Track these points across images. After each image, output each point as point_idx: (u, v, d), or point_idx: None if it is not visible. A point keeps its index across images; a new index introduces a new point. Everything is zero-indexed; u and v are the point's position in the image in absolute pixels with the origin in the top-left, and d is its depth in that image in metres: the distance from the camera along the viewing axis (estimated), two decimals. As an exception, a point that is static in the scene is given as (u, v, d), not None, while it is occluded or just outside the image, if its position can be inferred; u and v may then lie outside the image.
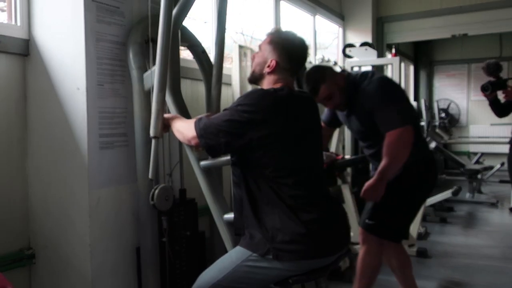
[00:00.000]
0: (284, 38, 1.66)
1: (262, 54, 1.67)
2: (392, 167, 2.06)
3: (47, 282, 1.98)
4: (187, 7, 1.96)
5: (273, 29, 1.73)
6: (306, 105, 1.68)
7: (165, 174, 2.18)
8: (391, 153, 2.04)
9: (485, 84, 3.52)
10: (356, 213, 3.24)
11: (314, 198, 1.57)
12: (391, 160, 2.04)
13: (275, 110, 1.53)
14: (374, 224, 2.26)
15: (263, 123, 1.51)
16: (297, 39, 1.68)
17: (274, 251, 1.48)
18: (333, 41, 5.56)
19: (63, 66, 1.90)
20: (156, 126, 1.77)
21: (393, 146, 2.04)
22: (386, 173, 2.05)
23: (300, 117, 1.62)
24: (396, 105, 2.12)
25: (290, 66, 1.65)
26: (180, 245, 2.17)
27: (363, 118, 2.22)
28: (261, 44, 1.69)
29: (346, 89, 2.23)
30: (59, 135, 1.92)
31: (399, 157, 2.05)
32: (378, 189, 2.06)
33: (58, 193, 1.93)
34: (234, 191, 1.67)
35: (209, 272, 1.62)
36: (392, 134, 2.05)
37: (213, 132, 1.54)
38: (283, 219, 1.50)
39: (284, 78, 1.65)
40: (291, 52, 1.64)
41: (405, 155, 2.05)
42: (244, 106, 1.52)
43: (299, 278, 1.56)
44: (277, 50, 1.63)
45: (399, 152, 2.05)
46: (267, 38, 1.67)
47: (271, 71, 1.63)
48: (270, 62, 1.63)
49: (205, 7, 3.19)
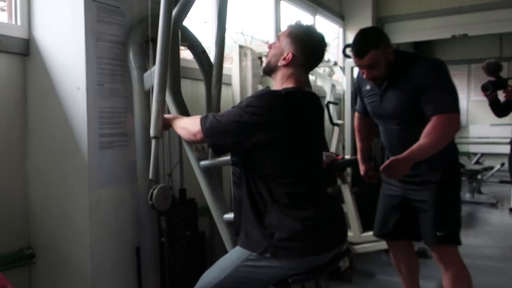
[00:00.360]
0: (304, 32, 1.61)
1: (279, 45, 1.62)
2: (430, 150, 1.89)
3: (47, 282, 1.98)
4: (187, 7, 1.96)
5: (295, 22, 1.67)
6: (315, 108, 1.68)
7: (165, 174, 2.18)
8: (436, 135, 1.88)
9: (486, 84, 3.51)
10: (356, 213, 3.24)
11: (311, 196, 1.58)
12: (433, 141, 1.87)
13: (284, 114, 1.51)
14: (446, 233, 2.03)
15: (272, 126, 1.50)
16: (318, 35, 1.63)
17: (272, 249, 1.49)
18: (333, 41, 5.56)
19: (63, 66, 1.90)
20: (156, 126, 1.77)
21: (441, 129, 1.89)
22: (420, 153, 1.88)
23: (308, 121, 1.61)
24: (453, 91, 1.97)
25: (306, 62, 1.62)
26: (180, 245, 2.17)
27: (404, 95, 2.00)
28: (280, 35, 1.64)
29: (393, 64, 2.03)
30: (59, 135, 1.92)
31: (442, 141, 1.90)
32: (404, 167, 1.87)
33: (58, 193, 1.93)
34: (234, 191, 1.67)
35: (210, 273, 1.63)
36: (444, 117, 1.89)
37: (220, 132, 1.53)
38: (280, 216, 1.50)
39: (297, 74, 1.61)
40: (309, 47, 1.60)
41: (447, 142, 1.93)
42: (254, 108, 1.49)
43: (299, 278, 1.56)
44: (295, 43, 1.59)
45: (444, 136, 1.90)
46: (287, 30, 1.63)
47: (286, 64, 1.59)
48: (287, 54, 1.59)
49: (205, 7, 3.19)
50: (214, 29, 3.21)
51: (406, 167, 1.87)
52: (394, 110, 2.05)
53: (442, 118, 1.89)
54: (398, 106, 2.03)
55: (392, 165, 1.86)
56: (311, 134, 1.63)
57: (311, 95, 1.70)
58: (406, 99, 1.99)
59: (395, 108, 2.04)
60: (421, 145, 1.87)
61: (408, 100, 1.98)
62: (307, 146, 1.61)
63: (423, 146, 1.87)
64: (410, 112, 2.00)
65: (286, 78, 1.61)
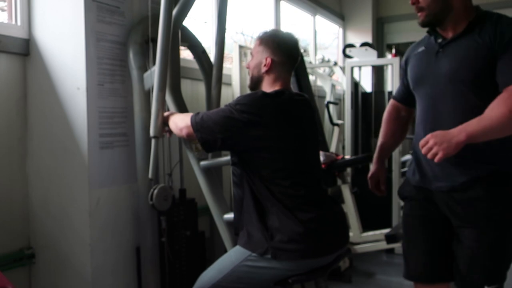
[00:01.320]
0: (272, 35, 1.68)
1: (255, 57, 1.69)
2: (496, 127, 1.33)
3: (47, 282, 1.98)
4: (187, 7, 1.96)
5: (260, 32, 1.74)
6: (305, 109, 1.69)
7: (165, 174, 2.18)
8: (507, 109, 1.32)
9: None
10: (356, 213, 3.24)
11: (312, 198, 1.58)
12: (504, 116, 1.32)
13: (274, 113, 1.54)
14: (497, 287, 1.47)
15: (261, 125, 1.52)
16: (285, 33, 1.71)
17: (273, 250, 1.49)
18: (333, 41, 5.56)
19: (63, 66, 1.90)
20: (156, 125, 1.77)
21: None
22: (479, 128, 1.32)
23: (299, 120, 1.63)
24: None
25: (285, 60, 1.66)
26: (180, 245, 2.17)
27: (473, 51, 1.44)
28: (253, 50, 1.72)
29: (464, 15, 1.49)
30: (59, 135, 1.92)
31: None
32: (452, 143, 1.29)
33: (58, 193, 1.93)
34: (234, 191, 1.67)
35: (209, 272, 1.63)
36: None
37: (210, 127, 1.54)
38: (281, 218, 1.51)
39: (282, 77, 1.66)
40: (282, 45, 1.66)
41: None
42: (243, 106, 1.52)
43: (299, 278, 1.56)
44: (269, 47, 1.65)
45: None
46: (257, 41, 1.70)
47: (268, 69, 1.64)
48: (265, 60, 1.64)
49: (205, 7, 3.19)
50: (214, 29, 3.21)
51: (455, 144, 1.29)
52: (454, 69, 1.46)
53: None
54: (463, 63, 1.45)
55: (437, 137, 1.31)
56: (304, 134, 1.64)
57: (300, 96, 1.73)
58: (475, 55, 1.43)
59: (457, 65, 1.46)
60: (484, 118, 1.33)
61: (479, 56, 1.42)
62: (301, 146, 1.61)
63: (486, 120, 1.32)
64: (479, 74, 1.43)
65: (273, 82, 1.65)
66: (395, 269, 3.11)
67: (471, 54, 1.44)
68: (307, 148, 1.64)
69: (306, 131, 1.66)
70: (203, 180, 1.88)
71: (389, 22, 5.59)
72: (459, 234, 1.50)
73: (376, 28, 5.49)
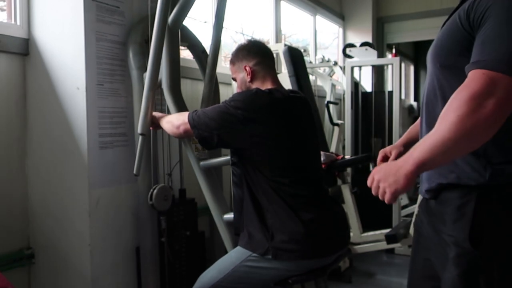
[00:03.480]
0: (237, 50, 1.75)
1: (237, 77, 1.73)
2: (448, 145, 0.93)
3: (47, 282, 1.97)
4: (186, 7, 1.95)
5: None
6: (302, 107, 1.69)
7: (165, 174, 2.18)
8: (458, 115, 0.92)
9: None
10: (356, 213, 3.24)
11: (313, 197, 1.58)
12: (453, 127, 0.92)
13: (268, 109, 1.54)
14: None
15: (255, 122, 1.52)
16: (247, 41, 1.78)
17: (273, 250, 1.48)
18: (333, 41, 5.56)
19: (63, 66, 1.90)
20: (144, 123, 1.78)
21: (469, 102, 0.91)
22: (426, 151, 0.95)
23: (297, 119, 1.62)
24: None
25: (260, 59, 1.69)
26: (180, 245, 2.17)
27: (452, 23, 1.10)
28: (232, 76, 1.77)
29: None
30: (59, 134, 1.92)
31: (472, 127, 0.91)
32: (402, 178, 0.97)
33: (58, 193, 1.93)
34: (234, 191, 1.67)
35: (209, 272, 1.63)
36: (479, 77, 0.93)
37: (206, 123, 1.55)
38: (282, 218, 1.50)
39: (268, 74, 1.69)
40: (251, 50, 1.71)
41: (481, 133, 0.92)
42: (238, 102, 1.53)
43: (299, 278, 1.56)
44: (241, 59, 1.70)
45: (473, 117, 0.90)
46: (230, 66, 1.76)
47: (252, 75, 1.68)
48: (246, 70, 1.68)
49: (205, 7, 3.18)
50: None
51: (403, 177, 0.97)
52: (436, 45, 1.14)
53: (477, 82, 0.92)
54: (444, 38, 1.12)
55: (380, 172, 1.03)
56: (304, 132, 1.64)
57: (296, 93, 1.73)
58: (452, 29, 1.09)
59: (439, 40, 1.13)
60: (432, 134, 0.96)
61: (455, 30, 1.07)
62: (300, 144, 1.61)
63: (433, 136, 0.95)
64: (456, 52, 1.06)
65: (262, 84, 1.68)
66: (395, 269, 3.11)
67: (452, 24, 1.10)
68: (306, 146, 1.64)
69: (306, 130, 1.66)
70: (203, 180, 1.88)
71: (389, 21, 5.59)
72: None
73: (376, 28, 5.49)
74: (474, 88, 0.91)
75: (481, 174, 1.02)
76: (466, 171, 1.03)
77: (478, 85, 0.91)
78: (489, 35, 0.95)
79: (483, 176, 1.01)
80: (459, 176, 1.04)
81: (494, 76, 0.91)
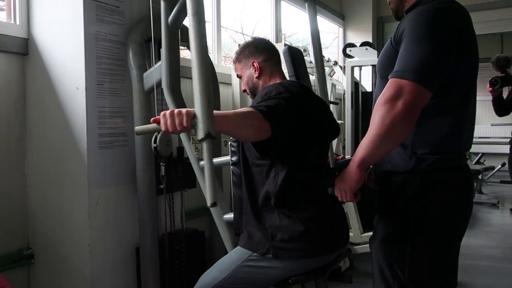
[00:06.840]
0: (242, 48, 1.72)
1: (243, 74, 1.70)
2: (376, 143, 1.18)
3: (46, 282, 1.97)
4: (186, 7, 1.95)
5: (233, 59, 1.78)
6: (319, 103, 1.69)
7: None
8: (379, 117, 1.16)
9: (494, 79, 3.44)
10: (356, 213, 3.23)
11: (313, 196, 1.57)
12: (377, 127, 1.17)
13: (296, 96, 1.51)
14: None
15: (298, 108, 1.47)
16: (251, 38, 1.75)
17: (274, 249, 1.48)
18: (334, 41, 5.55)
19: (62, 66, 1.90)
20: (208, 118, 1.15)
21: (385, 106, 1.16)
22: (364, 151, 1.21)
23: (311, 112, 1.58)
24: (428, 44, 1.17)
25: (268, 55, 1.67)
26: (180, 245, 2.16)
27: (387, 46, 1.34)
28: (237, 72, 1.73)
29: None
30: (58, 134, 1.91)
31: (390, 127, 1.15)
32: (354, 178, 1.26)
33: (58, 193, 1.93)
34: (234, 191, 1.66)
35: (210, 273, 1.62)
36: (393, 85, 1.17)
37: (279, 108, 1.35)
38: (282, 217, 1.50)
39: (275, 70, 1.67)
40: (257, 46, 1.69)
41: (397, 128, 1.16)
42: (273, 92, 1.45)
43: (299, 278, 1.55)
44: (248, 56, 1.68)
45: (389, 115, 1.14)
46: (235, 65, 1.73)
47: (259, 71, 1.65)
48: (253, 66, 1.66)
49: (205, 7, 3.18)
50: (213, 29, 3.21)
51: (354, 176, 1.26)
52: (379, 60, 1.39)
53: (390, 88, 1.16)
54: (382, 54, 1.36)
55: (338, 181, 1.37)
56: (323, 129, 1.64)
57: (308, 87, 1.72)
58: (387, 48, 1.33)
59: (380, 56, 1.38)
60: (366, 135, 1.21)
61: (388, 49, 1.32)
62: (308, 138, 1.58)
63: (367, 137, 1.20)
64: (388, 65, 1.27)
65: (270, 80, 1.65)
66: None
67: (386, 46, 1.34)
68: (323, 145, 1.64)
69: (325, 127, 1.66)
70: (203, 180, 1.88)
71: (389, 21, 5.59)
72: None
73: (376, 28, 5.49)
74: (387, 93, 1.17)
75: (408, 162, 1.26)
76: (396, 160, 1.28)
77: (390, 91, 1.16)
78: (401, 51, 1.21)
79: (409, 164, 1.26)
80: (392, 165, 1.30)
81: (401, 83, 1.16)
